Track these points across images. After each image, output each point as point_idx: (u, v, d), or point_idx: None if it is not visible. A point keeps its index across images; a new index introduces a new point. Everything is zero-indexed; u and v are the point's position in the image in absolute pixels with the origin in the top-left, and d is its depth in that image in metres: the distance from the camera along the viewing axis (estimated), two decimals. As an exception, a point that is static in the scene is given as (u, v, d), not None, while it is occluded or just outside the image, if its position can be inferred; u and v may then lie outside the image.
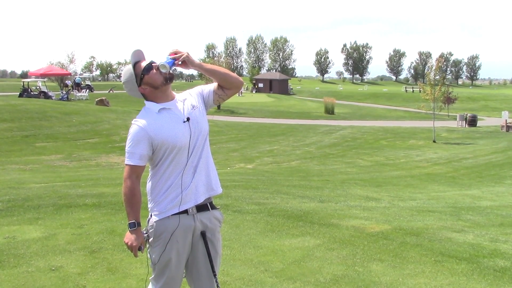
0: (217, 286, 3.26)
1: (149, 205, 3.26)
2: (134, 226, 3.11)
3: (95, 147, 19.93)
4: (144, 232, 3.22)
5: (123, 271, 5.08)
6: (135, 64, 3.18)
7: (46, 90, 41.60)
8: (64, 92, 44.04)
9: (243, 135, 26.18)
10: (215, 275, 3.25)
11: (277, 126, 32.63)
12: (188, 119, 3.17)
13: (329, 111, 47.08)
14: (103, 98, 38.31)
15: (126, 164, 3.13)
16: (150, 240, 3.20)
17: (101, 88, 62.74)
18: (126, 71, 3.22)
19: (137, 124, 3.11)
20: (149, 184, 3.26)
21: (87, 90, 49.02)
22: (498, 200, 11.76)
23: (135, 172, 3.12)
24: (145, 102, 3.26)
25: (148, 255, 3.25)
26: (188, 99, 3.29)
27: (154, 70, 3.15)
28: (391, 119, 45.33)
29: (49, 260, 5.30)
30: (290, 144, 25.05)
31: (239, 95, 66.03)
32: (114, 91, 58.39)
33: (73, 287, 4.65)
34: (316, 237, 6.45)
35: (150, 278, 3.32)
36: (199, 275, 3.32)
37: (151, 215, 3.25)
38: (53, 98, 39.65)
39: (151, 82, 3.15)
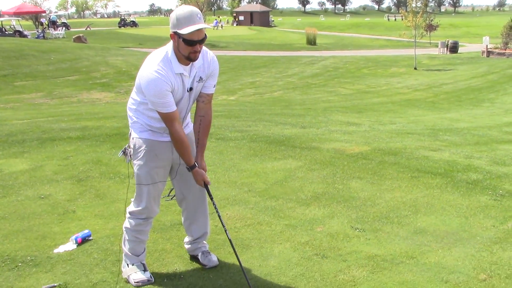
0: (210, 195, 3.48)
1: (131, 119, 3.39)
2: (194, 167, 3.33)
3: (75, 84, 19.70)
4: (127, 147, 3.42)
5: (111, 197, 5.23)
6: (198, 30, 3.01)
7: (21, 29, 40.39)
8: (40, 31, 42.86)
9: (225, 68, 25.98)
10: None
11: (259, 58, 32.36)
12: (191, 89, 3.27)
13: (311, 42, 46.59)
14: (81, 35, 37.46)
15: (165, 112, 3.14)
16: (131, 153, 3.38)
17: (78, 26, 61.07)
18: (194, 10, 3.05)
19: (163, 79, 3.06)
20: (134, 105, 3.34)
21: (64, 28, 47.68)
22: (475, 121, 12.05)
23: (176, 118, 3.18)
24: (169, 50, 3.15)
25: (134, 169, 3.43)
26: (201, 69, 3.28)
27: (194, 49, 3.07)
28: (373, 48, 45.09)
29: (37, 189, 5.42)
30: (273, 75, 24.99)
31: (217, 28, 64.85)
32: (92, 28, 56.91)
33: (63, 212, 4.80)
34: (297, 159, 6.63)
35: (131, 199, 3.53)
36: (192, 194, 3.58)
37: (131, 131, 3.39)
38: (29, 37, 38.60)
39: (181, 48, 3.08)
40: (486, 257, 3.84)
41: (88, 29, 56.41)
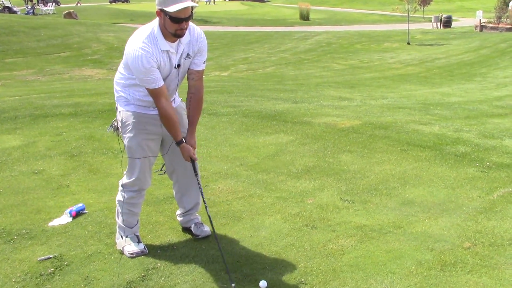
0: (195, 170, 3.53)
1: (117, 93, 3.43)
2: (181, 142, 3.37)
3: (67, 61, 19.56)
4: (114, 123, 3.51)
5: (104, 171, 5.29)
6: (185, 8, 3.03)
7: (10, 5, 39.91)
8: (29, 7, 42.33)
9: (218, 44, 25.81)
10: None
11: (251, 34, 32.13)
12: (178, 65, 3.29)
13: (304, 17, 46.17)
14: (71, 11, 36.96)
15: (152, 88, 3.17)
16: (119, 128, 3.44)
17: (68, 2, 60.09)
18: None
19: (148, 56, 3.08)
20: (122, 80, 3.38)
21: (53, 4, 47.08)
22: (466, 96, 12.12)
23: (163, 93, 3.20)
24: (155, 26, 3.16)
25: (124, 142, 3.49)
26: (189, 46, 3.29)
27: (180, 27, 3.08)
28: (367, 23, 44.79)
29: (31, 165, 5.47)
30: (265, 51, 24.88)
31: (210, 4, 64.21)
32: (82, 4, 56.18)
33: (57, 187, 4.86)
34: (289, 134, 6.70)
35: (124, 172, 3.60)
36: (182, 167, 3.62)
37: (117, 105, 3.44)
38: (19, 13, 38.15)
39: (167, 25, 3.09)
40: (471, 226, 3.94)
41: (78, 5, 55.61)
